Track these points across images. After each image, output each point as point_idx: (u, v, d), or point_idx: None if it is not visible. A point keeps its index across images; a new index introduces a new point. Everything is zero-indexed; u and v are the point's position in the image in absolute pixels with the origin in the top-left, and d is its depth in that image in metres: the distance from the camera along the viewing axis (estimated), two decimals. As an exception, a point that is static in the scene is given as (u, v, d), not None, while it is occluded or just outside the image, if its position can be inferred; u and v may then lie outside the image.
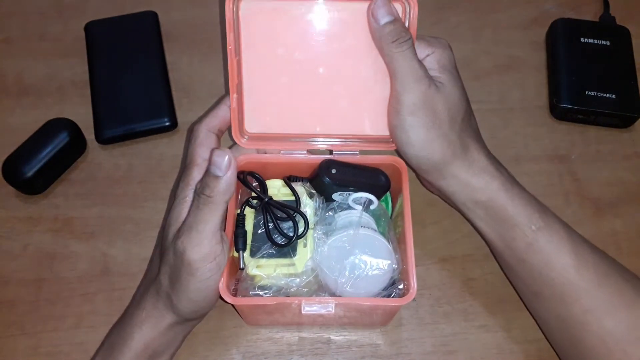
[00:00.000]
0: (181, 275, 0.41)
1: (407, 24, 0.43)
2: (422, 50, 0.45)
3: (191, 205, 0.41)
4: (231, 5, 0.42)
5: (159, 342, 0.43)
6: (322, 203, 0.46)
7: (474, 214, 0.47)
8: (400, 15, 0.43)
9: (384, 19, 0.42)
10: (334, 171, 0.46)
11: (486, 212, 0.46)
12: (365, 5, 0.42)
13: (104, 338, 0.46)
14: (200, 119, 0.45)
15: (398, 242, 0.45)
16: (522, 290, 0.48)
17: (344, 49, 0.44)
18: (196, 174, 0.43)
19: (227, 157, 0.39)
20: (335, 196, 0.47)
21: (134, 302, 0.46)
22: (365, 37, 0.43)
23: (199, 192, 0.40)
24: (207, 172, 0.40)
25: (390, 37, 0.42)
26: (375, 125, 0.46)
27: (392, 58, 0.42)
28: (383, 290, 0.44)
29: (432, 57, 0.45)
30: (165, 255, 0.42)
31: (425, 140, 0.44)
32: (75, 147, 0.55)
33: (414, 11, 0.43)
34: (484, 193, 0.45)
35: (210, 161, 0.40)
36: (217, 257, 0.41)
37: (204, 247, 0.40)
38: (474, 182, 0.45)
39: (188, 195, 0.42)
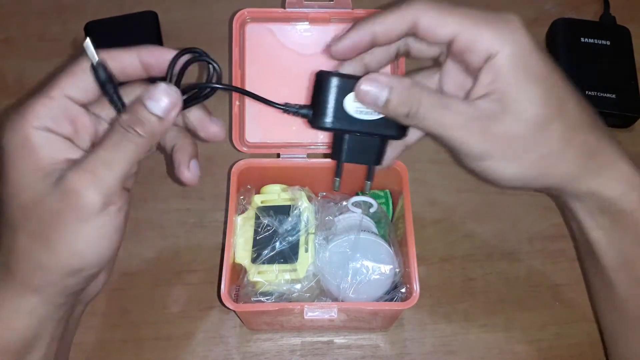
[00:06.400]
0: (64, 222, 0.33)
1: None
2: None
3: (105, 137, 0.34)
4: (238, 27, 0.47)
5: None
6: (322, 207, 0.46)
7: (593, 222, 0.40)
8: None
9: (382, 95, 0.36)
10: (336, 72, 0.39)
11: (613, 223, 0.39)
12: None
13: None
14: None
15: (399, 245, 0.45)
16: (623, 309, 0.41)
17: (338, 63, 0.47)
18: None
19: (173, 94, 0.34)
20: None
21: None
22: None
23: (126, 125, 0.34)
24: (142, 106, 0.34)
25: (403, 109, 0.35)
26: None
27: (425, 125, 0.36)
28: (385, 294, 0.44)
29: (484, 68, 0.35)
30: (29, 204, 0.33)
31: (524, 177, 0.37)
32: (75, 147, 0.55)
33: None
34: (616, 205, 0.38)
35: (149, 95, 0.34)
36: (118, 203, 0.34)
37: (107, 189, 0.33)
38: (605, 193, 0.38)
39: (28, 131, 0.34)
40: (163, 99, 0.34)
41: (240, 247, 0.45)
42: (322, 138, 0.48)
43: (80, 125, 0.36)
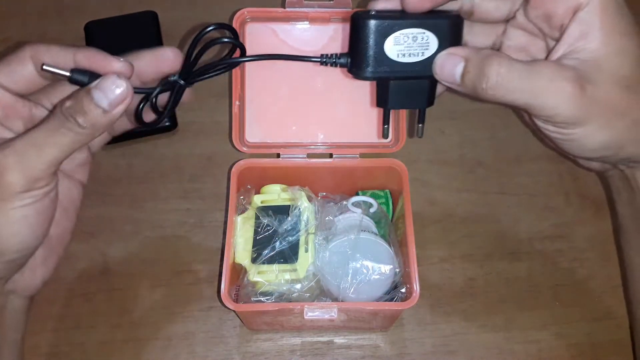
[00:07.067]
0: None
1: None
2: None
3: (43, 120, 0.34)
4: (238, 26, 0.46)
5: None
6: (322, 207, 0.46)
7: None
8: None
9: (456, 68, 0.33)
10: (373, 13, 0.37)
11: None
12: None
13: None
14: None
15: (399, 245, 0.45)
16: None
17: None
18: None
19: (123, 88, 0.33)
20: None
21: None
22: None
23: (68, 114, 0.33)
24: (89, 96, 0.33)
25: (481, 82, 0.32)
26: (373, 131, 0.48)
27: (513, 95, 0.32)
28: (385, 294, 0.44)
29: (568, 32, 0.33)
30: None
31: (613, 144, 0.34)
32: (75, 147, 0.55)
33: None
34: None
35: (98, 85, 0.33)
36: (44, 188, 0.34)
37: (32, 172, 0.33)
38: None
39: None
40: (111, 91, 0.33)
41: (240, 247, 0.45)
42: (322, 138, 0.48)
43: (11, 110, 0.36)
